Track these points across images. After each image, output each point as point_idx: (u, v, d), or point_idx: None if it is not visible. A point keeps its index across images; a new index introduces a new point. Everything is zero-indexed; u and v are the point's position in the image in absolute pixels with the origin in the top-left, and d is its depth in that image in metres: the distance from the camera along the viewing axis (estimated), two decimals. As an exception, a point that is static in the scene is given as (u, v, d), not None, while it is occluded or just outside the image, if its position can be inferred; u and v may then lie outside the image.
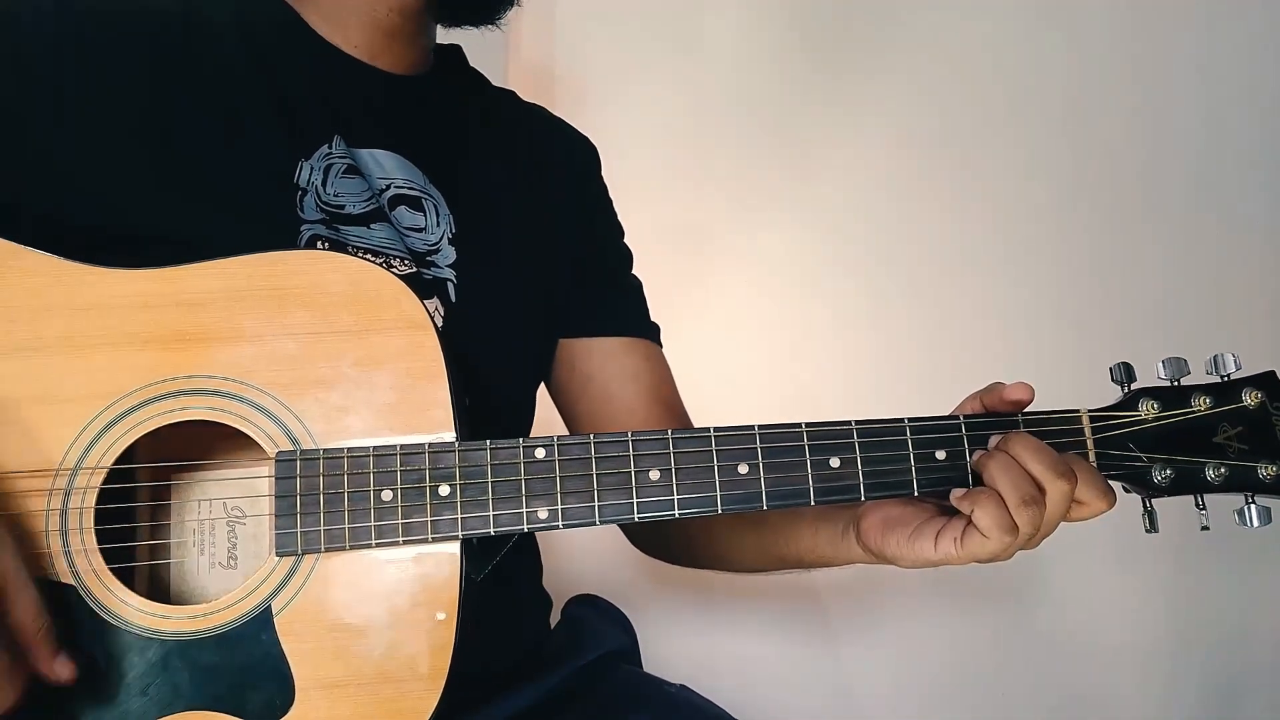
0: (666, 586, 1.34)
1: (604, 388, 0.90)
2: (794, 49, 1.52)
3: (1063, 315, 1.50)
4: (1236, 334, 1.44)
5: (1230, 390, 0.69)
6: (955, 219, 1.51)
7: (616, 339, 0.91)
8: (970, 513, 0.63)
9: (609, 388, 0.90)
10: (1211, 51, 1.55)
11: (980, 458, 0.65)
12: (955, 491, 0.65)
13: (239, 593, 0.61)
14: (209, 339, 0.63)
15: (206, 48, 0.74)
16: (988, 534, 0.63)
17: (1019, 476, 0.63)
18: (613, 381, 0.90)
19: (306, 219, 0.73)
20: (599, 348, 0.90)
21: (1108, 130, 1.53)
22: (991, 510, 0.62)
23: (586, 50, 1.48)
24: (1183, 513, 0.69)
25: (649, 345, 0.93)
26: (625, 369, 0.90)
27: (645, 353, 0.92)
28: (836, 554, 0.76)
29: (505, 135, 0.89)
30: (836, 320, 1.49)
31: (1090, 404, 0.70)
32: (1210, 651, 1.49)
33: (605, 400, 0.90)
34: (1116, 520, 0.67)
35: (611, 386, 0.90)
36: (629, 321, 0.92)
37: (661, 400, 0.91)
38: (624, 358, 0.91)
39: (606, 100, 1.45)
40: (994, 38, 1.54)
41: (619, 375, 0.90)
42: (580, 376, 0.90)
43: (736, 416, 0.86)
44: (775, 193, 1.50)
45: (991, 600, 1.44)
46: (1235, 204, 1.53)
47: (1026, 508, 0.62)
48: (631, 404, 0.90)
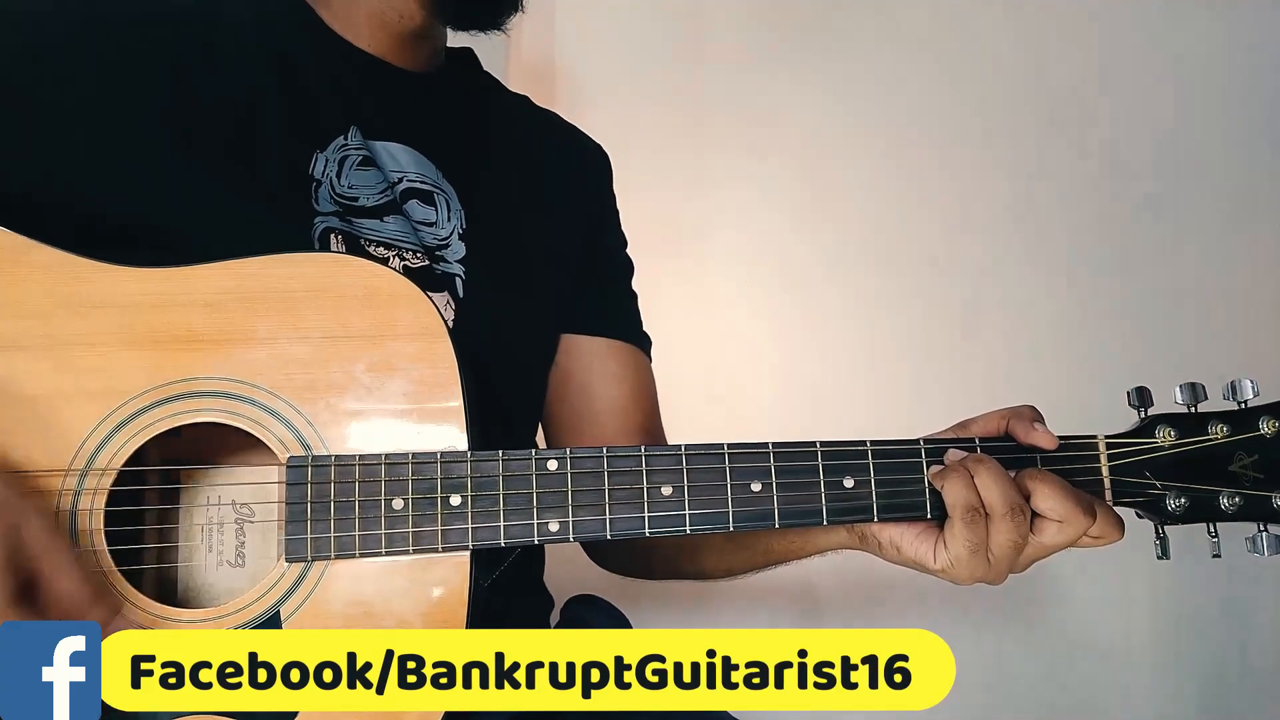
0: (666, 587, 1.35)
1: (584, 386, 0.89)
2: (795, 49, 1.51)
3: (1075, 319, 1.49)
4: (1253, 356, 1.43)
5: (1247, 418, 0.68)
6: (964, 223, 1.50)
7: (604, 340, 0.90)
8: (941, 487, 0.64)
9: (590, 387, 0.89)
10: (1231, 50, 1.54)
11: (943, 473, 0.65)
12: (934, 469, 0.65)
13: (248, 597, 0.61)
14: (222, 340, 0.62)
15: (225, 41, 0.74)
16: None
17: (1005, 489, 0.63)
18: (595, 382, 0.89)
19: (320, 210, 0.73)
20: (586, 346, 0.89)
21: (1132, 132, 1.52)
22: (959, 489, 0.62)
23: (587, 49, 1.47)
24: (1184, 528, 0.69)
25: (636, 352, 0.91)
26: (608, 371, 0.89)
27: (631, 359, 0.91)
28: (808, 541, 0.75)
29: (519, 137, 0.89)
30: (840, 322, 1.48)
31: (1101, 413, 0.70)
32: (1210, 653, 1.50)
33: (583, 399, 0.89)
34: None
35: (593, 386, 0.89)
36: (619, 325, 0.91)
37: (640, 408, 0.90)
38: (609, 359, 0.90)
39: (606, 99, 1.44)
40: (997, 38, 1.53)
41: (602, 376, 0.89)
42: (561, 372, 0.89)
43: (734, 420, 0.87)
44: (775, 195, 1.49)
45: (992, 603, 1.45)
46: (1261, 224, 1.52)
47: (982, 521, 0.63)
48: (609, 407, 0.89)
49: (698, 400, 0.93)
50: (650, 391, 0.93)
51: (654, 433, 0.91)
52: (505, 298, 0.81)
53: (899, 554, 0.68)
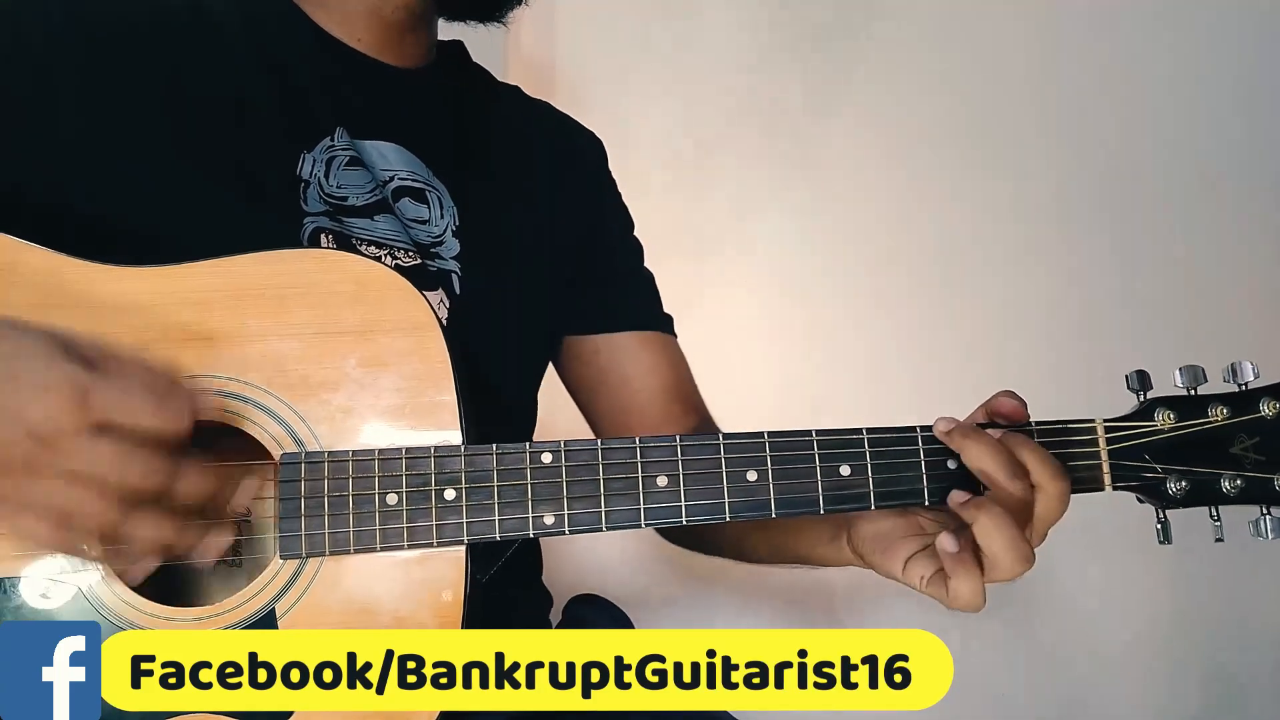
0: (667, 586, 1.35)
1: (621, 383, 0.90)
2: (795, 48, 1.50)
3: (1077, 317, 1.49)
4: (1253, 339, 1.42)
5: (1248, 400, 0.67)
6: (963, 220, 1.50)
7: (630, 334, 0.90)
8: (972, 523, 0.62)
9: (626, 383, 0.90)
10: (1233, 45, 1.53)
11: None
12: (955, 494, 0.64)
13: (243, 595, 0.61)
14: (213, 338, 0.62)
15: (210, 40, 0.74)
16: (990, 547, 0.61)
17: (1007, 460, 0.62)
18: (631, 377, 0.90)
19: (309, 211, 0.73)
20: (613, 343, 0.90)
21: (1127, 129, 1.51)
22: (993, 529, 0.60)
23: (587, 47, 1.47)
24: (1185, 516, 0.68)
25: (663, 338, 0.92)
26: (641, 363, 0.90)
27: (660, 345, 0.92)
28: (827, 556, 0.76)
29: (510, 129, 0.88)
30: (841, 322, 1.48)
31: (1103, 408, 0.69)
32: (1211, 655, 1.49)
33: (622, 396, 0.90)
34: (1118, 524, 0.66)
35: (631, 382, 0.90)
36: (641, 315, 0.92)
37: (679, 393, 0.91)
38: (639, 352, 0.90)
39: (606, 97, 1.44)
40: (997, 38, 1.52)
41: (636, 370, 0.90)
42: (595, 372, 0.90)
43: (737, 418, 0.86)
44: (777, 192, 1.48)
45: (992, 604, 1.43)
46: (1255, 207, 1.51)
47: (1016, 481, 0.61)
48: (649, 397, 0.89)
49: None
50: (685, 374, 0.93)
51: (699, 411, 0.92)
52: (501, 294, 0.81)
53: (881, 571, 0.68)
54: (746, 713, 0.76)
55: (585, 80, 1.45)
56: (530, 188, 0.86)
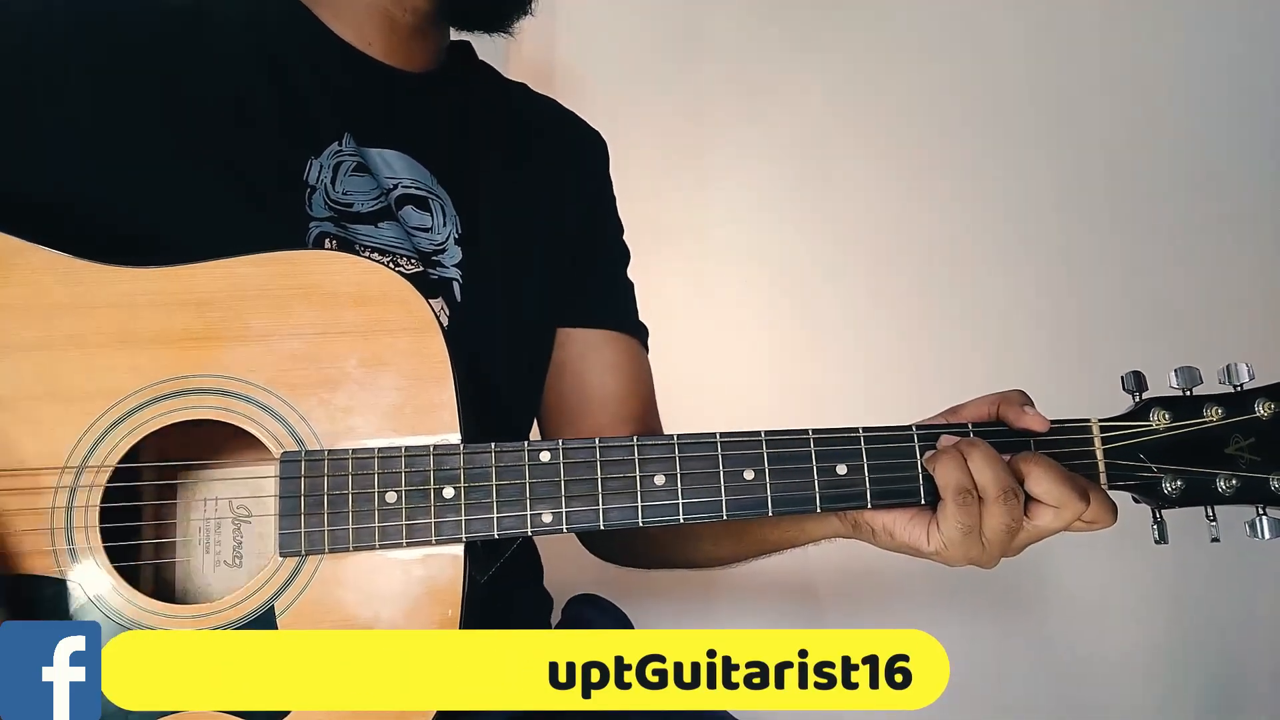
0: (667, 586, 1.35)
1: (579, 377, 0.88)
2: (794, 47, 1.50)
3: (1074, 317, 1.49)
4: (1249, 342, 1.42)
5: (1243, 401, 0.68)
6: (963, 219, 1.50)
7: (599, 331, 0.89)
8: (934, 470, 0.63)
9: (585, 378, 0.88)
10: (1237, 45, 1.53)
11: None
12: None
13: (242, 593, 0.61)
14: (215, 338, 0.63)
15: (216, 42, 0.74)
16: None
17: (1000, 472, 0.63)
18: (590, 372, 0.88)
19: (315, 217, 0.73)
20: (581, 337, 0.88)
21: (1127, 129, 1.52)
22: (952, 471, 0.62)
23: (587, 45, 1.47)
24: (1184, 517, 0.69)
25: (632, 342, 0.91)
26: (604, 361, 0.88)
27: (627, 349, 0.90)
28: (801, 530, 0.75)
29: (515, 131, 0.88)
30: (839, 321, 1.48)
31: (1100, 410, 0.69)
32: (1211, 655, 1.49)
33: (579, 390, 0.88)
34: (1118, 525, 0.67)
35: (588, 377, 0.88)
36: (614, 315, 0.90)
37: (637, 398, 0.89)
38: (604, 350, 0.89)
39: (607, 95, 1.44)
40: (997, 36, 1.52)
41: (597, 367, 0.88)
42: (556, 363, 0.88)
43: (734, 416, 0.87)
44: (777, 191, 1.48)
45: (991, 605, 1.44)
46: (1251, 208, 1.51)
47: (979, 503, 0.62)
48: (604, 396, 0.88)
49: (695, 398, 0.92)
50: (646, 381, 0.92)
51: (650, 423, 0.90)
52: (503, 301, 0.81)
53: (892, 539, 0.68)
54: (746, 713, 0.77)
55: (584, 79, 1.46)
56: (533, 190, 0.86)
